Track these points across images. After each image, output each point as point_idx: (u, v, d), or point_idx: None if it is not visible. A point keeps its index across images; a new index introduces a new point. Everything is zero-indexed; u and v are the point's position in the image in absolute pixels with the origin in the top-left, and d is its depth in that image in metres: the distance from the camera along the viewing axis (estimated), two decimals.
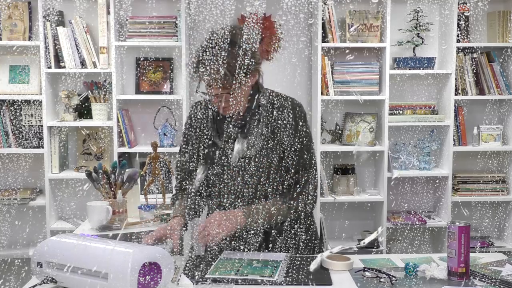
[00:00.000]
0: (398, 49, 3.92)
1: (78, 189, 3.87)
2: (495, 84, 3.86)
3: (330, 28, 3.76)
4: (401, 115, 3.88)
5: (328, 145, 3.98)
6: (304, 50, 4.00)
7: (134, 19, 3.73)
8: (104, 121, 3.76)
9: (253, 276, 1.71)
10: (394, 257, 1.95)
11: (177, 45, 3.73)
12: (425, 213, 4.04)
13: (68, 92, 3.71)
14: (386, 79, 3.78)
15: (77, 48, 3.70)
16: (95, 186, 2.40)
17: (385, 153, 3.81)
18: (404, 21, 3.88)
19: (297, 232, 2.04)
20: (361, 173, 4.04)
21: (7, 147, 3.76)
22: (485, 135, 3.92)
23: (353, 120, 3.94)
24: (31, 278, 1.71)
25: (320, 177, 3.81)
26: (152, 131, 3.88)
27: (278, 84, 3.95)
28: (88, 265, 1.52)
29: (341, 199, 3.87)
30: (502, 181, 3.96)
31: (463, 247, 1.70)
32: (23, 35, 3.72)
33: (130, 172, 2.43)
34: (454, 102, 3.83)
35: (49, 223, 3.74)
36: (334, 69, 3.83)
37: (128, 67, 3.89)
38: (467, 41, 3.86)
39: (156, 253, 1.56)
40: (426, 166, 3.92)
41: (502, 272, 1.76)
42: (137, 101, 3.88)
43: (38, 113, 3.74)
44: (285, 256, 1.92)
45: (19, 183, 3.90)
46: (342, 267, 1.81)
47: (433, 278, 1.72)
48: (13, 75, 3.80)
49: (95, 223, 2.26)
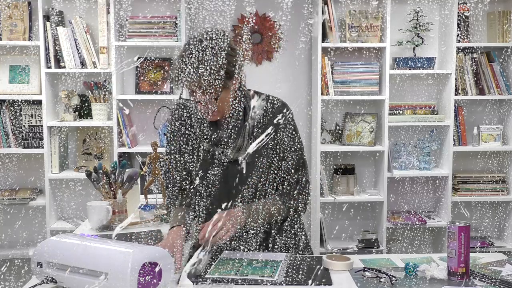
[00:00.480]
0: (398, 49, 3.93)
1: (78, 189, 3.87)
2: (495, 84, 3.86)
3: (330, 28, 3.77)
4: (401, 115, 3.88)
5: (328, 145, 3.98)
6: (304, 50, 4.00)
7: (134, 19, 3.73)
8: (104, 121, 3.76)
9: (253, 276, 1.71)
10: (394, 257, 1.95)
11: (177, 45, 3.73)
12: (425, 213, 4.04)
13: (68, 92, 3.71)
14: (386, 79, 3.78)
15: (77, 48, 3.70)
16: (95, 186, 2.40)
17: (385, 153, 3.81)
18: (404, 21, 3.88)
19: (284, 232, 2.03)
20: (361, 173, 4.04)
21: (7, 147, 3.76)
22: (485, 135, 3.92)
23: (353, 120, 3.94)
24: (31, 278, 1.71)
25: (320, 177, 3.81)
26: (152, 131, 3.88)
27: (278, 84, 3.96)
28: (88, 265, 1.52)
29: (341, 199, 3.88)
30: (502, 181, 3.96)
31: (463, 247, 1.70)
32: (23, 35, 3.72)
33: (130, 172, 2.43)
34: (454, 102, 3.83)
35: (49, 223, 3.74)
36: (334, 69, 3.83)
37: (128, 67, 3.89)
38: (467, 41, 3.86)
39: (156, 253, 1.56)
40: (426, 166, 3.92)
41: (502, 272, 1.76)
42: (137, 101, 3.88)
43: (38, 113, 3.74)
44: (285, 256, 1.92)
45: (19, 183, 3.90)
46: (342, 267, 1.81)
47: (433, 278, 1.72)
48: (13, 75, 3.80)
49: (95, 223, 2.26)
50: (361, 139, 3.90)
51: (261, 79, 3.94)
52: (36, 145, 3.74)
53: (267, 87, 3.94)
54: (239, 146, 1.96)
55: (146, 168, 2.51)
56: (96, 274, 1.50)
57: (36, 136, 3.74)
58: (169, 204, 2.08)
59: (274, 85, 3.92)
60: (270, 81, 3.95)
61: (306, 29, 3.96)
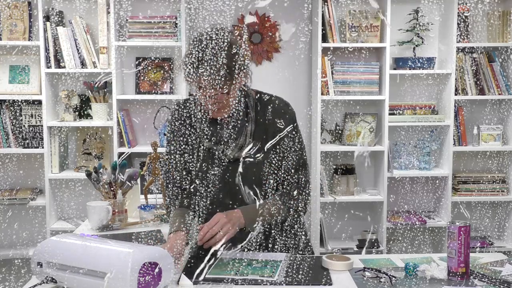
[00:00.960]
0: (398, 49, 3.92)
1: (78, 189, 3.87)
2: (495, 84, 3.86)
3: (330, 28, 3.77)
4: (401, 115, 3.88)
5: (328, 145, 3.98)
6: (304, 50, 4.00)
7: (134, 19, 3.73)
8: (104, 121, 3.76)
9: (253, 276, 1.71)
10: (394, 257, 1.95)
11: (177, 45, 3.73)
12: (425, 213, 4.04)
13: (68, 92, 3.71)
14: (386, 79, 3.78)
15: (77, 48, 3.70)
16: (95, 186, 2.40)
17: (385, 153, 3.81)
18: (404, 21, 3.88)
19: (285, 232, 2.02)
20: (361, 173, 4.04)
21: (7, 147, 3.76)
22: (485, 135, 3.92)
23: (353, 120, 3.94)
24: (31, 278, 1.71)
25: (320, 177, 3.81)
26: (152, 131, 3.88)
27: (278, 84, 3.96)
28: (88, 265, 1.52)
29: (341, 199, 3.87)
30: (502, 181, 3.96)
31: (463, 247, 1.70)
32: (23, 35, 3.72)
33: (130, 172, 2.43)
34: (454, 102, 3.83)
35: (49, 223, 3.74)
36: (334, 69, 3.83)
37: (128, 67, 3.89)
38: (467, 41, 3.86)
39: (156, 253, 1.56)
40: (426, 166, 3.92)
41: (502, 272, 1.76)
42: (137, 101, 3.88)
43: (38, 113, 3.74)
44: (285, 256, 1.92)
45: (19, 183, 3.90)
46: (342, 267, 1.81)
47: (433, 278, 1.72)
48: (13, 75, 3.80)
49: (95, 223, 2.26)
50: (361, 139, 3.89)
51: (261, 79, 3.92)
52: (36, 145, 3.74)
53: (267, 87, 3.93)
54: (240, 145, 1.96)
55: (146, 168, 2.52)
56: (96, 274, 1.50)
57: (36, 136, 3.74)
58: (169, 204, 2.07)
59: (274, 85, 3.92)
60: (270, 81, 3.95)
61: (306, 29, 3.96)
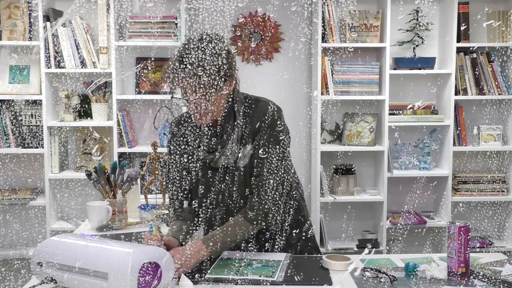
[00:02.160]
0: (398, 49, 3.92)
1: (78, 189, 3.87)
2: (495, 84, 3.86)
3: (330, 28, 3.77)
4: (401, 115, 3.88)
5: (328, 145, 3.98)
6: (304, 50, 4.00)
7: (134, 19, 3.73)
8: (104, 121, 3.76)
9: (253, 276, 1.71)
10: (394, 257, 1.95)
11: (177, 45, 3.73)
12: (425, 213, 4.04)
13: (68, 92, 3.71)
14: (386, 79, 3.78)
15: (77, 48, 3.70)
16: (95, 186, 2.40)
17: (385, 153, 3.81)
18: (404, 21, 3.88)
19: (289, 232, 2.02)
20: (361, 173, 4.04)
21: (7, 147, 3.76)
22: (485, 135, 3.92)
23: (353, 120, 3.94)
24: (31, 278, 1.71)
25: (320, 177, 3.81)
26: (152, 131, 3.88)
27: (278, 84, 3.96)
28: (88, 265, 1.52)
29: (341, 199, 3.87)
30: (502, 181, 3.96)
31: (463, 247, 1.70)
32: (23, 35, 3.72)
33: (130, 172, 2.43)
34: (454, 102, 3.83)
35: (49, 223, 3.74)
36: (334, 69, 3.83)
37: (128, 67, 3.89)
38: (467, 41, 3.86)
39: (156, 253, 1.56)
40: (426, 166, 3.92)
41: (502, 272, 1.76)
42: (137, 101, 3.88)
43: (38, 113, 3.74)
44: (285, 256, 1.92)
45: (19, 183, 3.90)
46: (342, 267, 1.81)
47: (433, 278, 1.72)
48: (13, 75, 3.80)
49: (95, 223, 2.26)
50: (361, 139, 3.89)
51: (261, 79, 3.93)
52: (36, 145, 3.74)
53: (267, 87, 3.95)
54: (230, 152, 1.92)
55: (146, 168, 2.52)
56: (96, 274, 1.50)
57: (36, 136, 3.74)
58: (171, 214, 2.09)
59: (274, 85, 3.92)
60: (270, 81, 3.95)
61: (306, 29, 3.96)
